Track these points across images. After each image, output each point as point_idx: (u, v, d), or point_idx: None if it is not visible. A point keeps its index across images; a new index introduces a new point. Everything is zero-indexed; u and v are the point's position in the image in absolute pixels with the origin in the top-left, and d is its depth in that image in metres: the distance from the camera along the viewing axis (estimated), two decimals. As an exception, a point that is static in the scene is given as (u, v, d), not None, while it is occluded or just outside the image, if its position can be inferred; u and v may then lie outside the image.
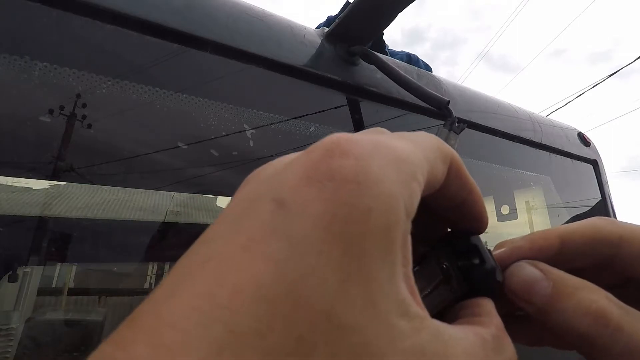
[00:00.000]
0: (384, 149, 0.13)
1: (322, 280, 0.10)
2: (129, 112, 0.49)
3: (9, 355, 0.50)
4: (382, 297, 0.11)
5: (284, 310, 0.10)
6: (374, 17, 0.58)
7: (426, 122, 0.70)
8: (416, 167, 0.14)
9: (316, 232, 0.11)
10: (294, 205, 0.11)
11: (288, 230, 0.11)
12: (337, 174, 0.12)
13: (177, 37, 0.48)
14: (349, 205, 0.11)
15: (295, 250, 0.11)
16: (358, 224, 0.11)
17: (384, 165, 0.13)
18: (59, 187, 0.52)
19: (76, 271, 0.78)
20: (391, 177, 0.12)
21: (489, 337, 0.15)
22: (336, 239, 0.11)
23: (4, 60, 0.40)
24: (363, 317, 0.11)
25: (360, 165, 0.12)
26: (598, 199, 1.00)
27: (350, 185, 0.12)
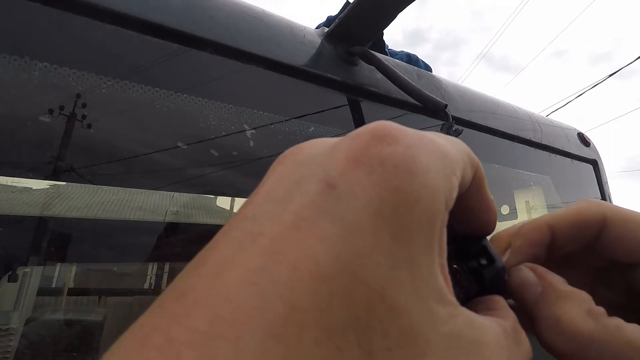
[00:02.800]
0: (428, 142, 0.13)
1: (375, 262, 0.11)
2: (129, 112, 0.49)
3: (9, 355, 0.50)
4: (424, 283, 0.12)
5: (341, 288, 0.10)
6: (374, 17, 0.58)
7: (426, 122, 0.70)
8: (456, 164, 0.14)
9: (368, 216, 0.11)
10: (344, 186, 0.12)
11: (340, 211, 0.11)
12: (387, 160, 0.12)
13: (177, 37, 0.48)
14: (399, 192, 0.12)
15: (349, 231, 0.11)
16: (407, 211, 0.12)
17: (430, 156, 0.13)
18: (59, 187, 0.52)
19: (76, 271, 0.78)
20: (437, 168, 0.13)
21: (509, 329, 0.15)
22: (387, 224, 0.11)
23: (4, 60, 0.40)
24: (410, 301, 0.11)
25: (409, 154, 0.12)
26: (598, 199, 1.00)
27: (400, 172, 0.12)
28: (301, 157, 0.14)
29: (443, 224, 0.13)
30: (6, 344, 0.51)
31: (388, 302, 0.11)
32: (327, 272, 0.10)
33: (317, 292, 0.10)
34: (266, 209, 0.12)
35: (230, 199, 0.73)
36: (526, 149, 0.89)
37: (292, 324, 0.09)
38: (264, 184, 0.14)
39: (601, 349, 0.16)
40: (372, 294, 0.11)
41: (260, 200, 0.13)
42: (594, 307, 0.17)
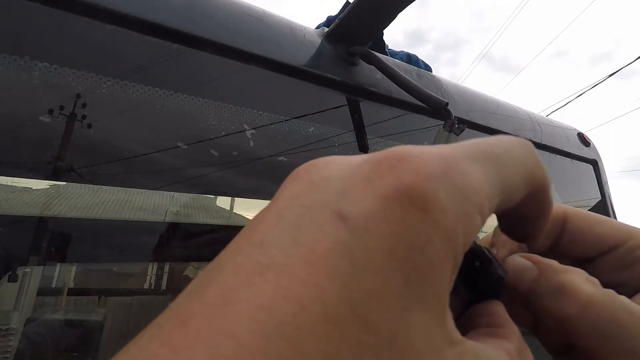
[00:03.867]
0: (455, 173, 0.12)
1: (387, 305, 0.10)
2: (129, 112, 0.49)
3: (8, 355, 0.50)
4: (436, 326, 0.11)
5: (351, 332, 0.10)
6: (374, 17, 0.58)
7: (427, 122, 0.70)
8: (485, 199, 0.13)
9: (380, 254, 0.11)
10: (357, 220, 0.11)
11: (351, 247, 0.11)
12: (405, 194, 0.11)
13: (177, 37, 0.48)
14: (414, 231, 0.11)
15: (360, 269, 0.10)
16: (420, 252, 0.11)
17: (451, 193, 0.12)
18: (59, 187, 0.52)
19: (76, 271, 0.78)
20: (457, 207, 0.12)
21: (515, 352, 0.15)
22: (399, 264, 0.11)
23: (4, 60, 0.40)
24: (422, 345, 0.11)
25: (429, 189, 0.12)
26: (598, 199, 1.00)
27: (414, 210, 0.11)
28: (316, 178, 0.13)
29: (456, 265, 0.12)
30: (6, 344, 0.51)
31: (399, 348, 0.10)
32: (337, 314, 0.10)
33: (325, 336, 0.09)
34: (275, 236, 0.11)
35: (230, 199, 0.73)
36: (526, 149, 0.89)
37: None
38: (274, 202, 0.13)
39: (599, 312, 0.17)
40: (381, 339, 0.10)
41: (269, 223, 0.12)
42: (591, 277, 0.18)
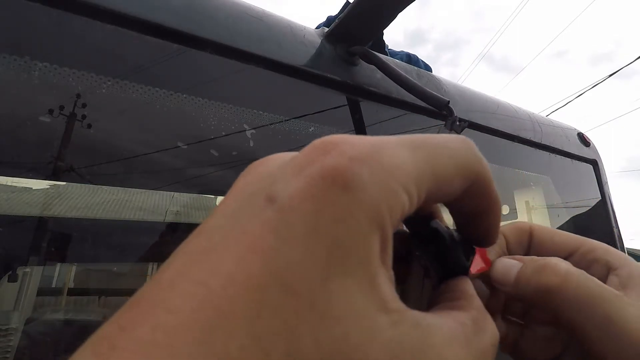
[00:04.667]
0: (380, 155, 0.13)
1: (307, 273, 0.11)
2: (129, 112, 0.49)
3: (8, 355, 0.50)
4: (361, 294, 0.12)
5: (271, 297, 0.11)
6: (374, 17, 0.58)
7: (426, 122, 0.70)
8: (411, 179, 0.14)
9: (303, 229, 0.12)
10: (284, 200, 0.12)
11: (277, 225, 0.12)
12: (329, 174, 0.12)
13: (177, 37, 0.48)
14: (336, 207, 0.12)
15: (283, 243, 0.11)
16: (342, 225, 0.12)
17: (375, 172, 0.13)
18: (59, 187, 0.52)
19: (76, 271, 0.78)
20: (379, 184, 0.13)
21: (469, 321, 0.15)
22: (321, 238, 0.12)
23: (4, 60, 0.40)
24: (344, 310, 0.12)
25: (351, 168, 0.12)
26: (598, 199, 1.00)
27: (337, 187, 0.12)
28: (262, 170, 0.15)
29: (386, 239, 0.13)
30: (6, 344, 0.51)
31: (318, 310, 0.11)
32: (260, 283, 0.11)
33: (248, 302, 0.11)
34: (219, 223, 0.13)
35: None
36: (526, 149, 0.89)
37: (219, 331, 0.10)
38: (227, 193, 0.14)
39: (576, 281, 0.20)
40: (300, 302, 0.11)
41: (217, 212, 0.14)
42: (565, 260, 0.22)
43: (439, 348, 0.13)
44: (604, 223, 0.99)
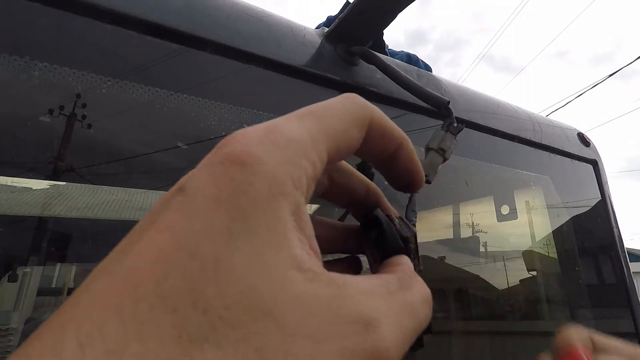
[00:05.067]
0: (274, 135, 0.15)
1: (211, 238, 0.13)
2: (129, 112, 0.49)
3: (9, 355, 0.50)
4: (270, 253, 0.13)
5: (178, 262, 0.12)
6: (374, 17, 0.58)
7: (426, 122, 0.70)
8: (307, 146, 0.16)
9: (206, 204, 0.13)
10: (191, 187, 0.14)
11: (183, 206, 0.13)
12: (226, 158, 0.14)
13: (177, 37, 0.48)
14: (235, 181, 0.14)
15: (189, 218, 0.13)
16: (243, 195, 0.13)
17: (270, 148, 0.15)
18: (59, 187, 0.52)
19: (76, 271, 0.78)
20: (276, 157, 0.14)
21: (393, 279, 0.17)
22: (224, 208, 0.13)
23: (4, 60, 0.40)
24: (250, 267, 0.13)
25: (246, 150, 0.14)
26: (598, 199, 1.00)
27: (235, 166, 0.14)
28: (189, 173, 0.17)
29: (296, 202, 0.14)
30: (6, 344, 0.51)
31: (223, 267, 0.12)
32: (166, 252, 0.12)
33: (155, 269, 0.12)
34: (145, 220, 0.14)
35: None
36: (526, 149, 0.89)
37: (128, 296, 0.11)
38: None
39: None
40: (206, 263, 0.12)
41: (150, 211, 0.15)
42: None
43: (356, 298, 0.14)
44: (603, 223, 0.99)
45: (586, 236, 1.01)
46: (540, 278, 1.02)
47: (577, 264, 0.96)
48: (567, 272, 0.97)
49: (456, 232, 0.99)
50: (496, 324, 0.98)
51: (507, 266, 1.01)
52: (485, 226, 1.02)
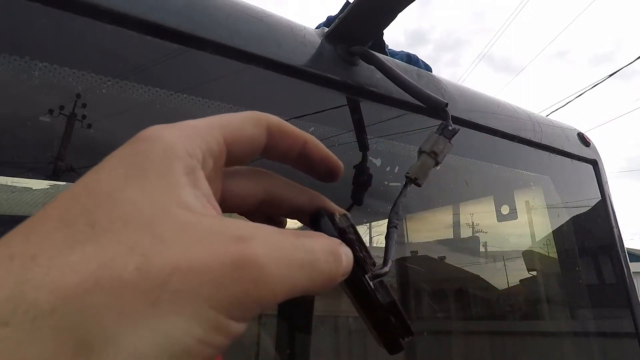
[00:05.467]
0: (177, 124, 0.19)
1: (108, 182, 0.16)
2: (129, 112, 0.49)
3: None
4: (159, 194, 0.16)
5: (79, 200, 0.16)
6: (374, 17, 0.58)
7: (426, 122, 0.70)
8: (203, 130, 0.19)
9: (110, 164, 0.17)
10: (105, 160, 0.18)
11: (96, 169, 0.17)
12: (136, 138, 0.18)
13: (177, 37, 0.48)
14: (137, 148, 0.17)
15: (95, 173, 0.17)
16: (141, 156, 0.17)
17: (170, 130, 0.18)
18: (59, 187, 0.52)
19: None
20: (174, 134, 0.18)
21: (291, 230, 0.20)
22: (123, 164, 0.17)
23: (4, 60, 0.40)
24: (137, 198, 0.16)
25: (151, 130, 0.18)
26: (598, 199, 1.00)
27: (140, 141, 0.18)
28: None
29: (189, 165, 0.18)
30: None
31: (113, 199, 0.16)
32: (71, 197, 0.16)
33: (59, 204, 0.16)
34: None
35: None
36: (526, 149, 0.89)
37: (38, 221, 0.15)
38: None
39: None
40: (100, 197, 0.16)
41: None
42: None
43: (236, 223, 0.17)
44: (604, 223, 0.99)
45: (586, 236, 1.01)
46: (540, 278, 1.02)
47: (577, 264, 0.96)
48: (567, 272, 0.97)
49: (456, 232, 0.99)
50: (496, 324, 0.97)
51: (507, 266, 1.01)
52: (485, 226, 1.02)
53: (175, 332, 0.14)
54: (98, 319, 0.13)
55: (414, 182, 0.39)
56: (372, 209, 0.70)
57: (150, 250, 0.15)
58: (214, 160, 0.20)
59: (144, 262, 0.14)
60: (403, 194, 0.38)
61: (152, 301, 0.14)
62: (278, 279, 0.16)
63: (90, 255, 0.14)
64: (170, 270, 0.14)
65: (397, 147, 0.71)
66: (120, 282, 0.14)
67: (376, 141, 0.67)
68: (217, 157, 0.20)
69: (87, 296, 0.13)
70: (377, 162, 0.66)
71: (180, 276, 0.14)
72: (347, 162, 0.63)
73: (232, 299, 0.15)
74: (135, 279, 0.14)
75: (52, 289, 0.13)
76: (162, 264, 0.14)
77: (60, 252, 0.14)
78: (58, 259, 0.14)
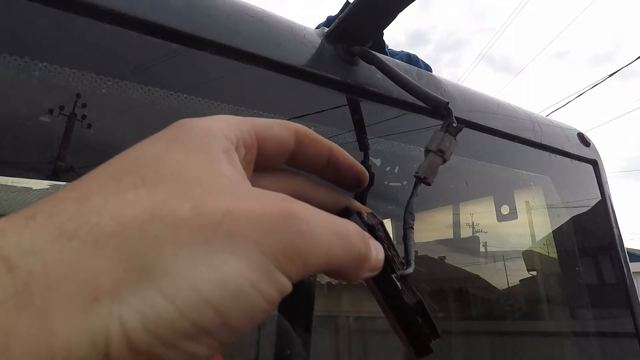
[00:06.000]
0: (216, 117, 0.21)
1: (154, 149, 0.18)
2: (129, 112, 0.49)
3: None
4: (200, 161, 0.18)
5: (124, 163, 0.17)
6: (374, 17, 0.58)
7: (426, 122, 0.70)
8: (236, 121, 0.21)
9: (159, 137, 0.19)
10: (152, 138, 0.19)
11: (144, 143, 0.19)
12: (177, 123, 0.20)
13: (177, 37, 0.48)
14: (181, 132, 0.19)
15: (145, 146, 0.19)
16: (185, 132, 0.19)
17: (208, 119, 0.20)
18: (59, 187, 0.52)
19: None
20: (210, 121, 0.20)
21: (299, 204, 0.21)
22: (162, 139, 0.19)
23: (4, 60, 0.40)
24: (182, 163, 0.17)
25: (185, 120, 0.20)
26: (598, 199, 1.00)
27: (182, 125, 0.20)
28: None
29: (226, 145, 0.19)
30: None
31: (159, 161, 0.17)
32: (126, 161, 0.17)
33: (104, 168, 0.17)
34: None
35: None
36: (526, 149, 0.89)
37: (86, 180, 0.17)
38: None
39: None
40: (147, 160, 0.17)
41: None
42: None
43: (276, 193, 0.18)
44: (604, 223, 0.99)
45: (586, 236, 1.01)
46: (540, 278, 1.02)
47: (577, 264, 0.96)
48: (567, 272, 0.97)
49: (456, 232, 0.99)
50: (496, 324, 0.97)
51: (507, 266, 1.01)
52: (485, 226, 1.02)
53: (230, 270, 0.14)
54: (158, 248, 0.14)
55: (423, 181, 0.39)
56: (372, 209, 0.70)
57: (201, 197, 0.16)
58: (245, 149, 0.21)
59: (198, 204, 0.15)
60: (414, 194, 0.38)
61: (206, 238, 0.14)
62: (320, 238, 0.17)
63: (145, 196, 0.15)
64: (224, 213, 0.15)
65: (397, 147, 0.71)
66: (176, 218, 0.15)
67: (376, 141, 0.67)
68: (249, 147, 0.21)
69: (146, 226, 0.14)
70: (377, 162, 0.66)
71: (233, 219, 0.15)
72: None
73: (280, 247, 0.15)
74: (190, 216, 0.15)
75: (112, 216, 0.14)
76: (215, 206, 0.15)
77: (115, 195, 0.15)
78: (114, 196, 0.15)
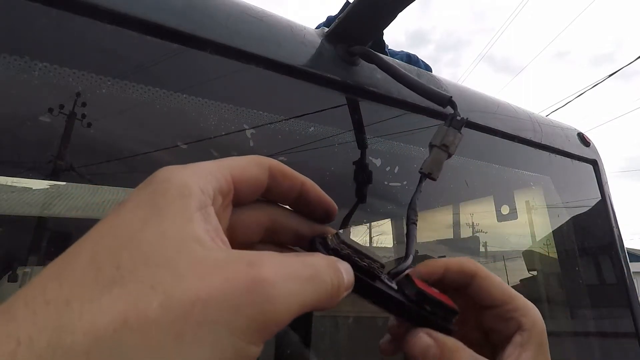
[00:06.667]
0: (191, 165, 0.21)
1: (131, 222, 0.18)
2: (129, 112, 0.49)
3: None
4: (175, 230, 0.18)
5: (104, 241, 0.18)
6: (374, 17, 0.58)
7: (426, 122, 0.70)
8: (213, 170, 0.22)
9: (132, 203, 0.19)
10: (124, 201, 0.20)
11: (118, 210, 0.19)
12: (152, 178, 0.21)
13: (177, 37, 0.48)
14: (153, 187, 0.20)
15: (117, 215, 0.19)
16: (158, 196, 0.19)
17: (184, 170, 0.21)
18: (59, 187, 0.52)
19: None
20: (187, 174, 0.20)
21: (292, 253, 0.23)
22: (141, 205, 0.19)
23: (4, 60, 0.40)
24: (156, 239, 0.17)
25: (166, 173, 0.20)
26: (598, 199, 1.00)
27: (156, 181, 0.20)
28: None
29: (202, 202, 0.20)
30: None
31: (135, 242, 0.17)
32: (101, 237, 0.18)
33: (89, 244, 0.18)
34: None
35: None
36: (526, 149, 0.89)
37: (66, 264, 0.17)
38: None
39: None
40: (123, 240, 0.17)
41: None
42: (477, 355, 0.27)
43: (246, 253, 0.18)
44: (603, 223, 0.99)
45: (586, 236, 1.01)
46: (540, 278, 1.02)
47: (577, 264, 0.96)
48: (567, 272, 0.97)
49: (456, 232, 0.99)
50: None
51: (507, 266, 1.00)
52: (485, 226, 1.02)
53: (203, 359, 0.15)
54: (129, 356, 0.15)
55: (428, 176, 0.39)
56: (373, 209, 0.70)
57: (170, 286, 0.16)
58: (222, 197, 0.22)
59: (165, 298, 0.16)
60: (419, 190, 0.38)
61: (177, 333, 0.15)
62: (289, 294, 0.17)
63: (117, 297, 0.16)
64: (193, 302, 0.16)
65: (397, 147, 0.71)
66: (146, 320, 0.15)
67: (376, 141, 0.67)
68: (225, 194, 0.22)
69: (117, 335, 0.15)
70: (377, 162, 0.66)
71: (202, 306, 0.16)
72: (347, 162, 0.63)
73: (250, 321, 0.16)
74: (159, 315, 0.15)
75: (85, 332, 0.15)
76: (182, 297, 0.16)
77: (91, 296, 0.16)
78: (89, 303, 0.15)
